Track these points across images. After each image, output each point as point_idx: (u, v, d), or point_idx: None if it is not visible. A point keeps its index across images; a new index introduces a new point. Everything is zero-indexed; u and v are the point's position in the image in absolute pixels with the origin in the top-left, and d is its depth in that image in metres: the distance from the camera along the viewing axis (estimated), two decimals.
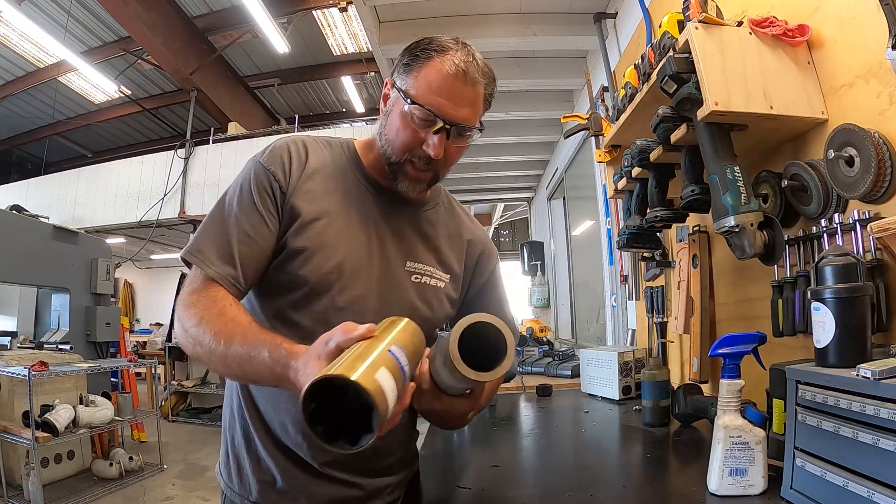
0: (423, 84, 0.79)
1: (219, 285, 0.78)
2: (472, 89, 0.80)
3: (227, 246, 0.79)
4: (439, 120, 0.79)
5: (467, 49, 0.81)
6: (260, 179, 0.83)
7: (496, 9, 2.77)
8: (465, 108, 0.80)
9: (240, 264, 0.79)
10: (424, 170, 0.84)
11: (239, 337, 0.70)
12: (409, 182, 0.85)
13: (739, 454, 0.86)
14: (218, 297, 0.76)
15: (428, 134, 0.80)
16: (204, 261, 0.78)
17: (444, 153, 0.82)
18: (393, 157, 0.84)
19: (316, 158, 0.88)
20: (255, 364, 0.67)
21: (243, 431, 0.88)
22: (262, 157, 0.86)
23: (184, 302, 0.77)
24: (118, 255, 6.61)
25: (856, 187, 0.92)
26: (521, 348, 2.85)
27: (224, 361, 0.70)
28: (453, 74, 0.78)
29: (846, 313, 0.77)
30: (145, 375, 6.19)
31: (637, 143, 1.42)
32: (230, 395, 0.93)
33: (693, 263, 1.57)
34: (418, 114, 0.79)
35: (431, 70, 0.79)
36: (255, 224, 0.81)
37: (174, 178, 6.05)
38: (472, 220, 1.03)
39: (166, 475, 4.08)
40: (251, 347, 0.68)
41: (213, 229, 0.82)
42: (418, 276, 0.90)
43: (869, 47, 0.93)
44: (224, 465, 0.91)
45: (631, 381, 1.77)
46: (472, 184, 5.82)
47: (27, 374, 3.25)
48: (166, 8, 5.44)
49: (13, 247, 4.36)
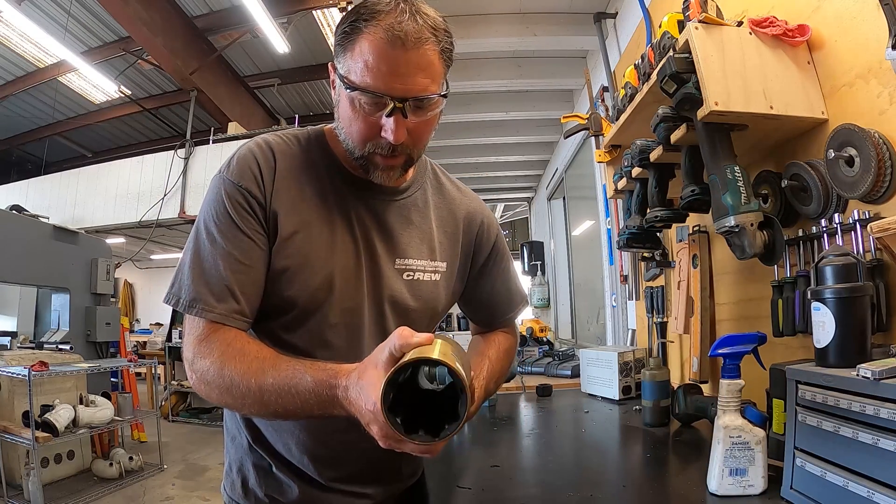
0: (358, 63, 0.68)
1: (226, 326, 0.72)
2: (416, 53, 0.68)
3: (221, 281, 0.72)
4: (387, 100, 0.68)
5: (402, 6, 0.68)
6: (234, 198, 0.74)
7: (496, 8, 2.77)
8: (414, 76, 0.68)
9: (241, 294, 0.73)
10: (393, 156, 0.74)
11: (271, 371, 0.65)
12: (382, 172, 0.76)
13: (739, 454, 0.86)
14: (231, 339, 0.70)
15: (381, 117, 0.70)
16: (204, 308, 0.71)
17: (409, 132, 0.72)
18: (356, 150, 0.75)
19: (285, 160, 0.79)
20: (297, 394, 0.63)
21: (249, 447, 0.86)
22: (229, 173, 0.76)
23: (194, 353, 0.71)
24: (118, 255, 6.61)
25: (856, 187, 0.92)
26: (521, 348, 2.85)
27: (261, 401, 0.65)
28: (389, 42, 0.66)
29: (846, 313, 0.77)
30: (145, 375, 6.19)
31: (637, 143, 1.42)
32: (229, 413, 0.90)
33: (693, 263, 1.57)
34: (363, 99, 0.69)
35: (364, 44, 0.67)
36: (244, 249, 0.74)
37: (174, 178, 6.04)
38: (464, 193, 0.96)
39: (166, 475, 4.08)
40: (289, 378, 0.63)
41: (200, 268, 0.73)
42: (410, 273, 0.84)
43: (869, 47, 0.93)
44: (228, 480, 0.89)
45: (631, 381, 1.77)
46: (473, 184, 5.77)
47: (27, 374, 3.25)
48: (166, 8, 5.43)
49: (13, 247, 4.36)
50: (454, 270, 0.91)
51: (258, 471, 0.85)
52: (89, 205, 6.57)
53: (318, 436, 0.82)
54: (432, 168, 0.95)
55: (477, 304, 0.99)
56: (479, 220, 0.95)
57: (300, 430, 0.81)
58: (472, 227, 0.94)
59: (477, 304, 0.99)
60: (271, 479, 0.84)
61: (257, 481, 0.85)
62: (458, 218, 0.92)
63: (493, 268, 0.97)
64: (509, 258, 1.01)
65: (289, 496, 0.83)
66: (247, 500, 0.85)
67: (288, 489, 0.83)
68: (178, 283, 0.74)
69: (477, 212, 0.95)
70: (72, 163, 8.36)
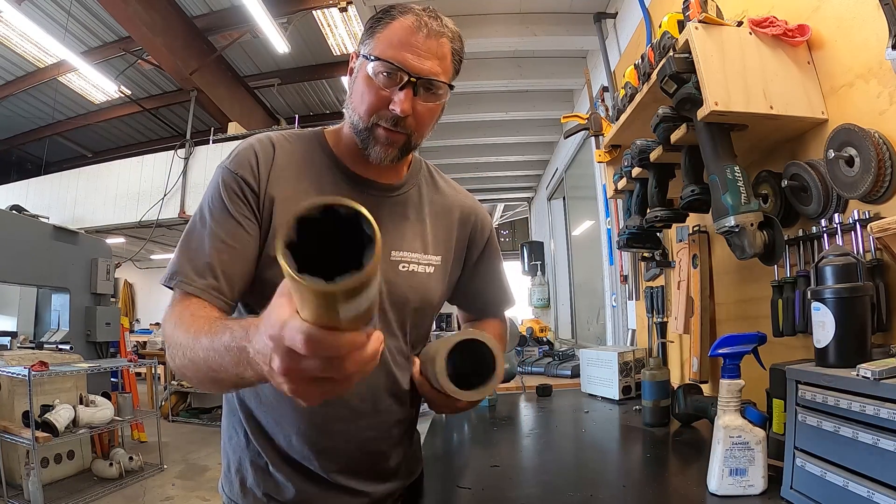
0: (384, 42, 0.77)
1: (199, 298, 0.73)
2: (435, 42, 0.77)
3: (203, 258, 0.75)
4: (403, 73, 0.75)
5: (431, 9, 0.79)
6: (229, 185, 0.79)
7: (496, 8, 2.77)
8: (429, 60, 0.77)
9: (221, 272, 0.74)
10: (395, 131, 0.79)
11: (206, 329, 0.62)
12: (381, 147, 0.80)
13: (739, 454, 0.86)
14: (193, 304, 0.72)
15: (394, 91, 0.76)
16: (182, 280, 0.74)
17: (415, 113, 0.78)
18: (360, 123, 0.80)
19: (284, 154, 0.84)
20: (217, 352, 0.57)
21: (246, 445, 0.86)
22: (229, 163, 0.81)
23: (164, 318, 0.73)
24: (118, 255, 6.61)
25: (856, 187, 0.92)
26: (521, 348, 2.85)
27: (195, 362, 0.62)
28: (415, 27, 0.76)
29: (846, 313, 0.77)
30: (145, 375, 6.18)
31: (637, 143, 1.42)
32: (230, 408, 0.91)
33: (693, 263, 1.57)
34: (381, 69, 0.76)
35: (392, 28, 0.77)
36: (230, 230, 0.77)
37: (174, 178, 6.05)
38: (458, 191, 1.00)
39: (166, 475, 4.08)
40: (214, 335, 0.59)
41: (187, 247, 0.77)
42: (405, 264, 0.87)
43: (869, 47, 0.93)
44: (226, 480, 0.89)
45: (631, 381, 1.77)
46: (473, 184, 5.82)
47: (27, 374, 3.25)
48: (166, 8, 5.44)
49: (13, 247, 4.36)
50: (449, 264, 0.94)
51: (256, 470, 0.85)
52: (89, 205, 6.57)
53: (321, 426, 0.83)
54: (427, 168, 0.98)
55: (471, 295, 1.03)
56: (473, 217, 0.99)
57: (302, 420, 0.82)
58: (466, 223, 0.97)
59: (471, 295, 1.03)
60: (269, 478, 0.85)
61: (255, 480, 0.85)
62: (452, 214, 0.96)
63: (487, 263, 1.01)
64: (501, 258, 1.06)
65: (286, 495, 0.84)
66: (245, 500, 0.86)
67: (285, 488, 0.84)
68: (170, 263, 0.78)
69: (471, 208, 0.99)
70: (72, 163, 8.37)
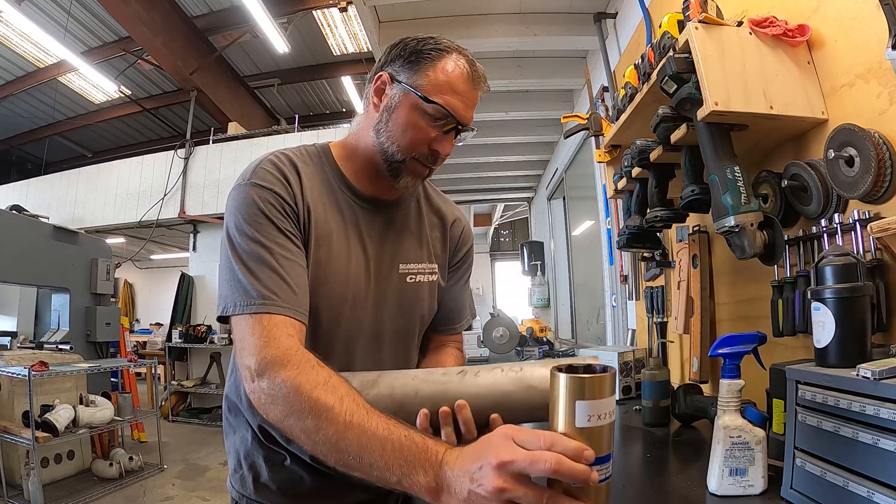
0: (434, 83, 0.79)
1: (283, 317, 0.69)
2: (476, 93, 0.83)
3: (275, 275, 0.71)
4: (452, 119, 0.80)
5: (466, 52, 0.83)
6: (266, 198, 0.75)
7: (496, 9, 2.77)
8: (471, 109, 0.83)
9: (296, 286, 0.72)
10: (427, 166, 0.85)
11: (364, 417, 0.59)
12: (411, 178, 0.85)
13: (739, 454, 0.86)
14: (278, 325, 0.68)
15: (438, 132, 0.81)
16: (263, 302, 0.69)
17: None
18: (398, 154, 0.82)
19: (306, 170, 0.84)
20: (381, 443, 0.57)
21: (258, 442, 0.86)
22: (255, 178, 0.77)
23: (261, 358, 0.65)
24: (118, 255, 6.60)
25: (856, 187, 0.92)
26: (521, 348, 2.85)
27: (335, 443, 0.59)
28: (466, 76, 0.80)
29: (846, 313, 0.77)
30: (145, 375, 6.18)
31: (637, 143, 1.42)
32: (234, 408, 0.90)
33: (693, 263, 1.57)
34: (433, 112, 0.79)
35: (443, 69, 0.80)
36: (284, 245, 0.74)
37: (174, 178, 6.04)
38: (447, 202, 1.03)
39: (166, 475, 4.08)
40: (382, 429, 0.58)
41: (247, 268, 0.71)
42: (412, 276, 0.91)
43: (869, 47, 0.93)
44: (237, 476, 0.89)
45: (631, 381, 1.77)
46: (472, 184, 5.82)
47: (27, 374, 3.25)
48: (166, 8, 5.44)
49: (13, 247, 4.35)
50: (445, 270, 0.99)
51: (270, 465, 0.85)
52: (89, 205, 6.57)
53: None
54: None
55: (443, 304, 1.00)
56: (461, 227, 1.03)
57: None
58: (455, 232, 1.02)
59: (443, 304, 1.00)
60: (285, 473, 0.85)
61: (270, 476, 0.85)
62: (445, 223, 1.00)
63: (463, 273, 1.04)
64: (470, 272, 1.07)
65: (303, 487, 0.85)
66: (258, 495, 0.86)
67: (301, 481, 0.85)
68: (226, 292, 0.72)
69: (459, 219, 1.04)
70: (72, 163, 8.36)
